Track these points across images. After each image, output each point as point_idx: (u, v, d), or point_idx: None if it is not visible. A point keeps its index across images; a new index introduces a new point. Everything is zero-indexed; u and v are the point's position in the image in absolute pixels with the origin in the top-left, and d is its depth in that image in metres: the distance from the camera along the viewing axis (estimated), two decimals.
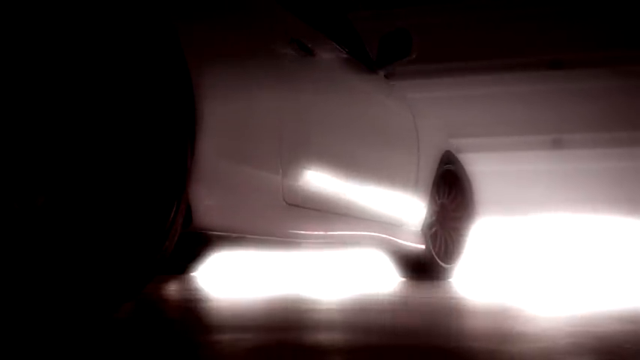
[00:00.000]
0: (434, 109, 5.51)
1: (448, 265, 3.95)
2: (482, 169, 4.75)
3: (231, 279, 3.99)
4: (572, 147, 5.58)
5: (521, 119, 5.66)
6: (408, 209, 3.39)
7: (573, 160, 5.53)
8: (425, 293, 2.89)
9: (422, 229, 3.60)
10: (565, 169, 5.53)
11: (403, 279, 3.97)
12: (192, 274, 4.16)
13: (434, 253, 3.78)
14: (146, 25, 1.58)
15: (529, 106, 5.65)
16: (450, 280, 3.96)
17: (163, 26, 1.62)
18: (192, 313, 1.95)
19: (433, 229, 3.81)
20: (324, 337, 1.39)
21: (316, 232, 2.56)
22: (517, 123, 5.67)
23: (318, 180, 2.50)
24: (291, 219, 2.34)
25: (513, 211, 5.54)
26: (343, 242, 2.87)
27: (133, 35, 1.54)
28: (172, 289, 2.99)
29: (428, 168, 3.63)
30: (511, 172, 5.58)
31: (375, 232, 3.05)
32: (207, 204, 1.85)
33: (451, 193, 4.04)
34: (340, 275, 4.77)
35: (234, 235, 2.07)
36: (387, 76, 3.38)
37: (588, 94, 5.49)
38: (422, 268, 3.79)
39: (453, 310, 2.09)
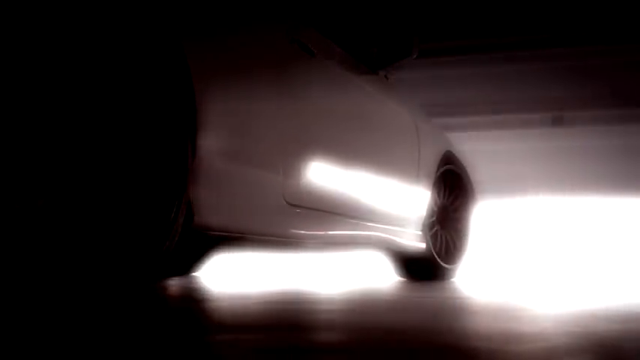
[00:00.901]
0: (433, 87, 5.47)
1: (449, 266, 3.94)
2: (482, 147, 4.71)
3: (232, 279, 4.00)
4: (572, 124, 5.53)
5: (521, 97, 5.60)
6: (408, 210, 3.39)
7: (574, 138, 5.48)
8: (425, 293, 2.89)
9: (422, 230, 3.60)
10: (565, 147, 5.48)
11: (404, 279, 3.97)
12: (194, 274, 4.16)
13: (435, 254, 3.78)
14: (146, 26, 1.58)
15: (529, 84, 5.60)
16: (451, 280, 3.96)
17: (164, 27, 1.62)
18: (193, 313, 1.96)
19: (434, 230, 3.80)
20: (324, 337, 1.39)
21: (317, 233, 2.56)
22: (517, 100, 5.61)
23: (318, 180, 2.50)
24: (291, 219, 2.34)
25: (513, 190, 5.49)
26: (344, 242, 2.88)
27: (133, 36, 1.55)
28: (174, 288, 3.00)
29: (428, 168, 3.63)
30: (511, 150, 5.53)
31: (375, 232, 3.05)
32: (208, 204, 1.85)
33: (452, 194, 4.04)
34: (340, 275, 4.78)
35: (235, 234, 2.07)
36: (387, 77, 3.39)
37: (589, 71, 5.45)
38: (423, 268, 3.79)
39: (453, 310, 2.09)
